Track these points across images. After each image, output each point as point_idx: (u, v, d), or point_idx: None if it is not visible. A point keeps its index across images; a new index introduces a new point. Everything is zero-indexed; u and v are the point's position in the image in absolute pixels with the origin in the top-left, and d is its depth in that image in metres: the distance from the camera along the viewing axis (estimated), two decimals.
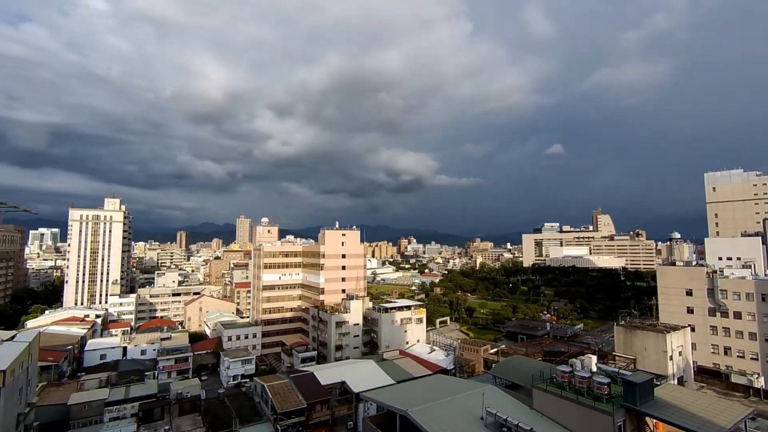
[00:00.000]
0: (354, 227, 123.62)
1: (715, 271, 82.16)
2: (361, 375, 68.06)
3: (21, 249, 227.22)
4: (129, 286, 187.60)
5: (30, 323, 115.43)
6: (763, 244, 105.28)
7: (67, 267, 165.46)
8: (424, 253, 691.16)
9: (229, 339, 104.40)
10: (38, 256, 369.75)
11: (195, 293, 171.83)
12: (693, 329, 77.09)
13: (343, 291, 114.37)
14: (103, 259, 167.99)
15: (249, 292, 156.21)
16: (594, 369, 43.59)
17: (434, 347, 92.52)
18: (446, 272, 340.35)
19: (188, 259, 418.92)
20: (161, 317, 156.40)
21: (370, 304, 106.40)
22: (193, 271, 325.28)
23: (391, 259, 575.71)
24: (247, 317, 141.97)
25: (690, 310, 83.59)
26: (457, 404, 40.75)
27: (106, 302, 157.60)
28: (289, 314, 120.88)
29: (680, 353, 63.38)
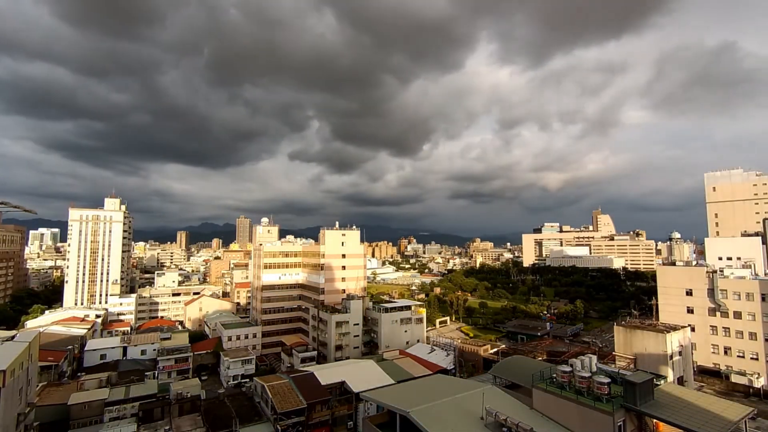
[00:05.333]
0: (354, 227, 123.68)
1: (715, 271, 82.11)
2: (361, 375, 68.05)
3: (21, 249, 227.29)
4: (129, 286, 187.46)
5: (30, 323, 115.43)
6: (763, 244, 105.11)
7: (67, 267, 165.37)
8: (424, 253, 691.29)
9: (229, 339, 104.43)
10: (38, 256, 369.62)
11: (195, 293, 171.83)
12: (693, 329, 76.98)
13: (343, 291, 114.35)
14: (103, 259, 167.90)
15: (249, 292, 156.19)
16: (594, 369, 43.55)
17: (434, 347, 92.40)
18: (446, 272, 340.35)
19: (188, 259, 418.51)
20: (161, 317, 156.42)
21: (370, 304, 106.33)
22: (193, 271, 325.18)
23: (391, 259, 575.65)
24: (247, 317, 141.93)
25: (690, 310, 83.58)
26: (457, 404, 40.75)
27: (106, 302, 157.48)
28: (289, 314, 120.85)
29: (680, 353, 63.32)
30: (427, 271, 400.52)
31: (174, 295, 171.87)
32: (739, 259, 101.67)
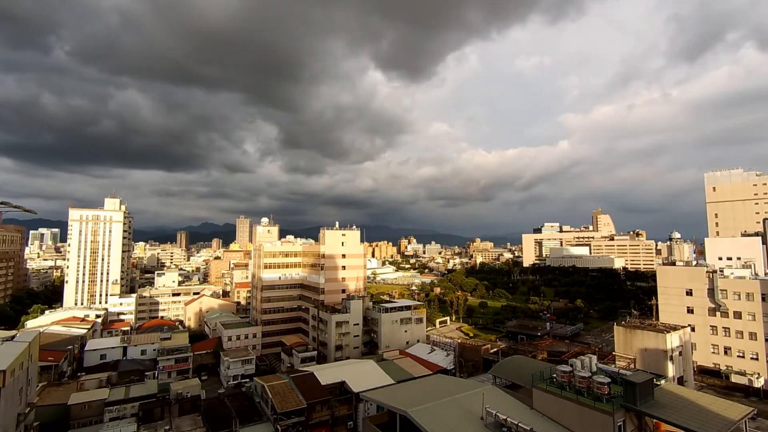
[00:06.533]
0: (354, 227, 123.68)
1: (715, 271, 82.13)
2: (361, 375, 68.04)
3: (21, 249, 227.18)
4: (129, 286, 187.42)
5: (30, 323, 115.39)
6: (763, 244, 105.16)
7: (67, 267, 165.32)
8: (424, 253, 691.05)
9: (229, 339, 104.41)
10: (38, 256, 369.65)
11: (195, 293, 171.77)
12: (693, 329, 77.06)
13: (343, 291, 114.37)
14: (103, 259, 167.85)
15: (249, 291, 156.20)
16: (594, 369, 43.56)
17: (434, 347, 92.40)
18: (446, 272, 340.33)
19: (188, 259, 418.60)
20: (161, 317, 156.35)
21: (370, 304, 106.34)
22: (193, 271, 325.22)
23: (391, 259, 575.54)
24: (247, 317, 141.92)
25: (690, 310, 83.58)
26: (457, 404, 40.75)
27: (106, 302, 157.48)
28: (289, 314, 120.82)
29: (680, 353, 63.33)
30: (427, 271, 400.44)
31: (174, 295, 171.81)
32: (739, 259, 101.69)
